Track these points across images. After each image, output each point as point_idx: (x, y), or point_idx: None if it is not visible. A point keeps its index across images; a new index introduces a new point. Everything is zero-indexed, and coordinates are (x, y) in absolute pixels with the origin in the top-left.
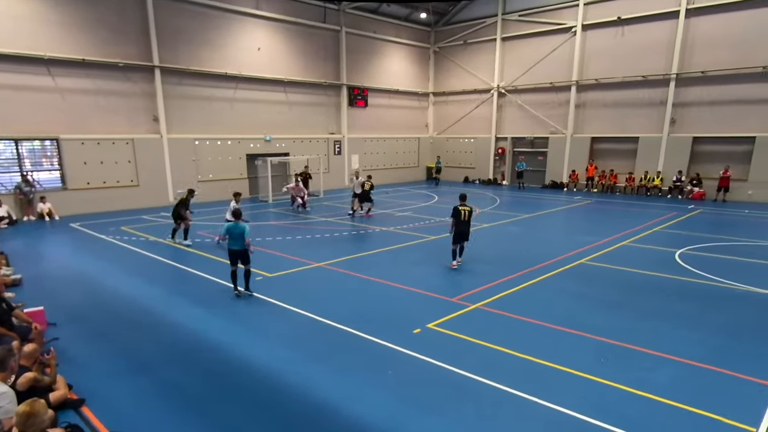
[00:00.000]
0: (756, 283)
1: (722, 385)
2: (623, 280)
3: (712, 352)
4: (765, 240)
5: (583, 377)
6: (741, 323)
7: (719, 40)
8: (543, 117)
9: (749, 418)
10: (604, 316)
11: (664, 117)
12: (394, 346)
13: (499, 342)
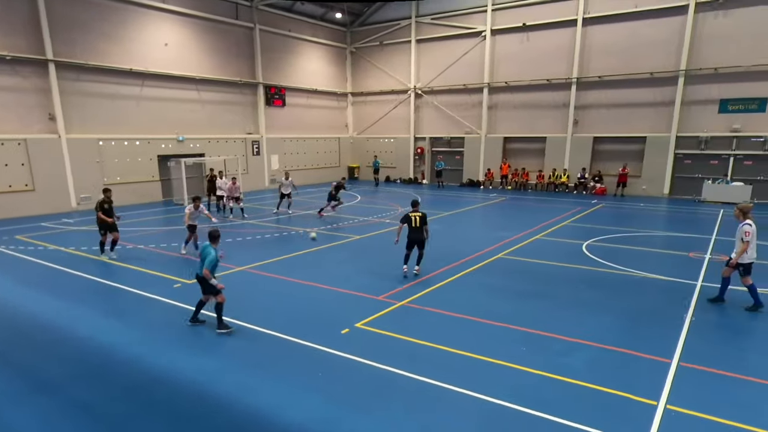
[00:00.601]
0: (652, 270)
1: (628, 364)
2: (538, 272)
3: (618, 335)
4: (658, 230)
5: (505, 366)
6: (641, 307)
7: (612, 48)
8: (458, 118)
9: (652, 393)
10: (522, 307)
11: (567, 118)
12: (323, 347)
13: (425, 337)
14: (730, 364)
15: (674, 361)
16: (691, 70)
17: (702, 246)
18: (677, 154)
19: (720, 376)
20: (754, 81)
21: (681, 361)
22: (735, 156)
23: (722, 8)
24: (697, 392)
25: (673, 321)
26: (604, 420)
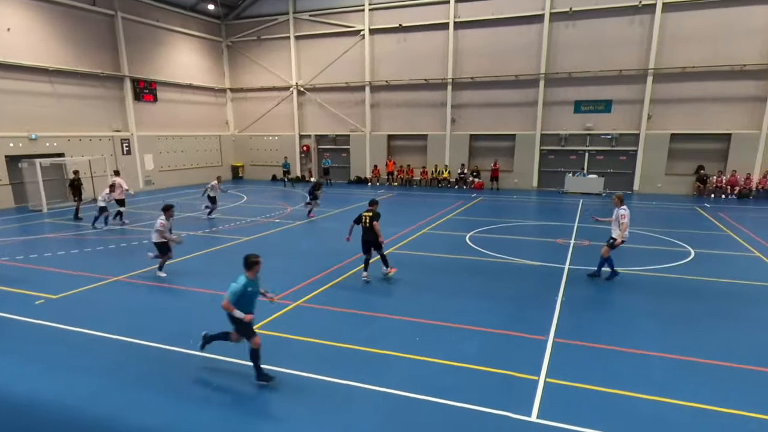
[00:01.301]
0: (526, 257)
1: (513, 345)
2: (428, 264)
3: (502, 319)
4: (530, 220)
5: (403, 357)
6: (520, 291)
7: (482, 51)
8: (342, 115)
9: (533, 369)
10: (415, 299)
11: (446, 117)
12: (219, 356)
13: (323, 336)
14: (596, 336)
15: (550, 338)
16: (550, 74)
17: (567, 233)
18: (542, 150)
19: (588, 348)
20: (601, 85)
21: (556, 338)
22: (589, 151)
23: (572, 19)
24: (570, 364)
25: (547, 302)
26: (494, 398)
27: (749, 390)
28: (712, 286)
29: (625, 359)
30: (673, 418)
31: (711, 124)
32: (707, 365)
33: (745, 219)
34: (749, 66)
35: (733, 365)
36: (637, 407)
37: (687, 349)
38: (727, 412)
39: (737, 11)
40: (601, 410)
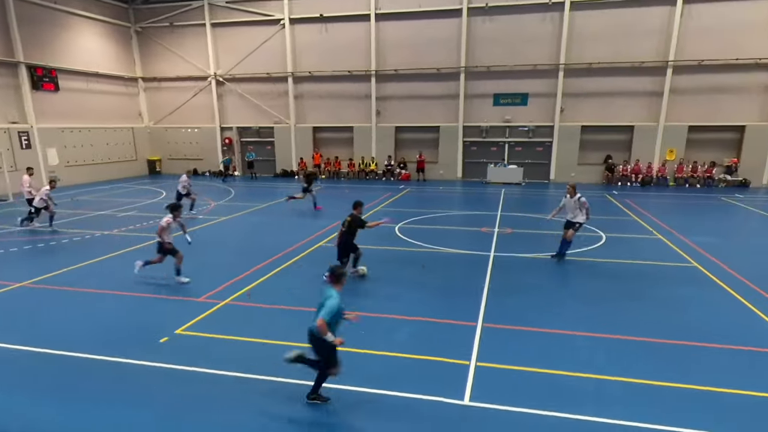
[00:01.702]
0: (454, 246)
1: (444, 332)
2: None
3: (433, 307)
4: (456, 210)
5: (340, 350)
6: (449, 280)
7: (404, 43)
8: (265, 107)
9: (464, 354)
10: (348, 291)
11: (370, 109)
12: (139, 362)
13: (255, 334)
14: (521, 319)
15: (479, 323)
16: (470, 67)
17: (491, 221)
18: (465, 142)
19: (515, 331)
20: (518, 79)
21: (484, 323)
22: (508, 143)
23: (488, 14)
24: (499, 348)
25: (475, 289)
26: (428, 385)
27: (663, 361)
28: (623, 267)
29: (549, 339)
30: (595, 392)
31: (616, 117)
32: (624, 341)
33: (648, 204)
34: (648, 63)
35: (646, 339)
36: (563, 384)
37: (605, 327)
38: (643, 383)
39: (636, 12)
40: (529, 389)
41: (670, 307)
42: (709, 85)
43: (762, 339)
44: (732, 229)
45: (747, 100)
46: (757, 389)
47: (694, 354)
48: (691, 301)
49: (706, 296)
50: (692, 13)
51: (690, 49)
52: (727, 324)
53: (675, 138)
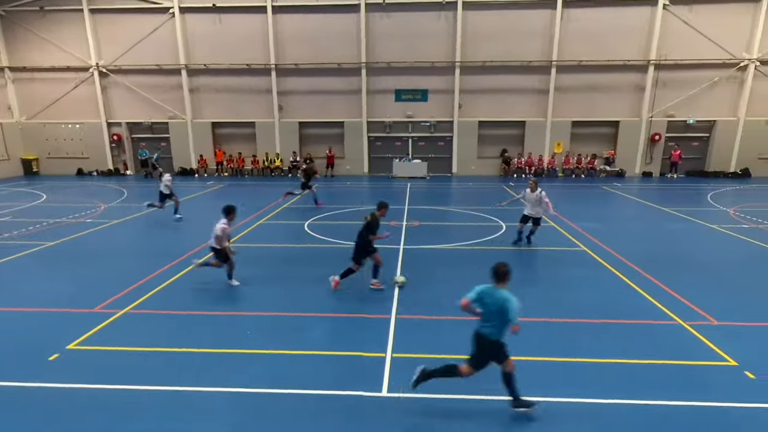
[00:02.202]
0: None
1: (359, 327)
2: (268, 256)
3: (348, 303)
4: (364, 205)
5: (250, 354)
6: (361, 274)
7: (303, 37)
8: (158, 101)
9: (380, 347)
10: (258, 292)
11: (272, 104)
12: (25, 383)
13: (158, 343)
14: (433, 309)
15: (393, 315)
16: (371, 63)
17: (399, 215)
18: (370, 137)
19: (428, 321)
20: (417, 75)
21: (398, 315)
22: (412, 138)
23: (386, 10)
24: (413, 338)
25: (387, 281)
26: (345, 380)
27: (556, 338)
28: (522, 253)
29: (459, 326)
30: (498, 373)
31: (510, 113)
32: (524, 322)
33: None
34: (535, 62)
35: (543, 320)
36: None
37: None
38: (539, 360)
39: (522, 14)
40: None
41: (563, 288)
42: (587, 84)
43: (642, 312)
44: (613, 214)
45: (619, 98)
46: (638, 357)
47: (582, 329)
48: (581, 282)
49: (594, 277)
50: (570, 17)
51: (570, 50)
52: (612, 301)
53: (561, 132)
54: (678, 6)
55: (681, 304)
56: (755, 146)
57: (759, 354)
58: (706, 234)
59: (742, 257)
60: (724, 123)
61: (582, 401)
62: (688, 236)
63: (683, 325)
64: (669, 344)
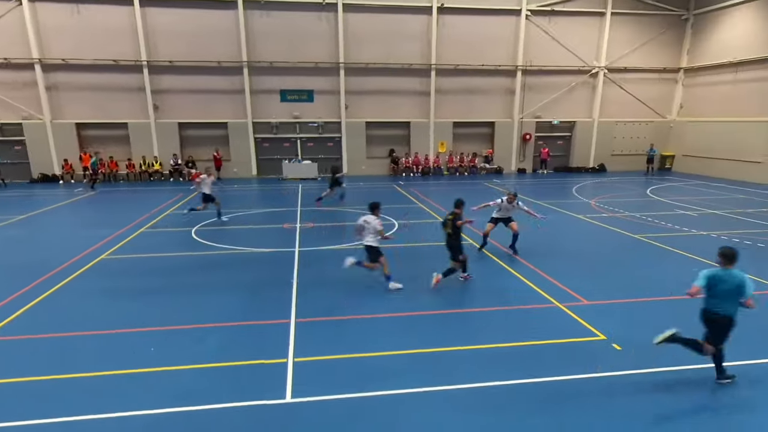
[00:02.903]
0: (257, 245)
1: (257, 334)
2: (152, 266)
3: (244, 310)
4: (255, 209)
5: (142, 373)
6: (256, 280)
7: (178, 32)
8: (7, 99)
9: (280, 353)
10: (145, 306)
11: (146, 103)
12: None
13: (30, 371)
14: (332, 310)
15: (292, 320)
16: (253, 62)
17: (292, 217)
18: (257, 138)
19: (328, 322)
20: (302, 75)
21: (297, 318)
22: (300, 139)
23: (265, 9)
24: (315, 340)
25: (284, 286)
26: (247, 390)
27: (452, 329)
28: (414, 250)
29: (360, 325)
30: (400, 366)
31: (395, 114)
32: (418, 316)
33: (429, 192)
34: (415, 65)
35: (438, 312)
36: (374, 364)
37: (404, 306)
38: (436, 351)
39: (400, 18)
40: (345, 375)
41: (454, 281)
42: (464, 87)
43: (525, 298)
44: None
45: (493, 101)
46: (526, 340)
47: (475, 318)
48: (470, 274)
49: (482, 269)
50: (446, 23)
51: (447, 54)
52: (499, 290)
53: (444, 132)
54: (538, 17)
55: (557, 287)
56: (609, 144)
57: (623, 327)
58: (573, 223)
59: (603, 243)
60: (582, 123)
61: (483, 385)
62: (559, 226)
63: (560, 307)
64: (549, 325)
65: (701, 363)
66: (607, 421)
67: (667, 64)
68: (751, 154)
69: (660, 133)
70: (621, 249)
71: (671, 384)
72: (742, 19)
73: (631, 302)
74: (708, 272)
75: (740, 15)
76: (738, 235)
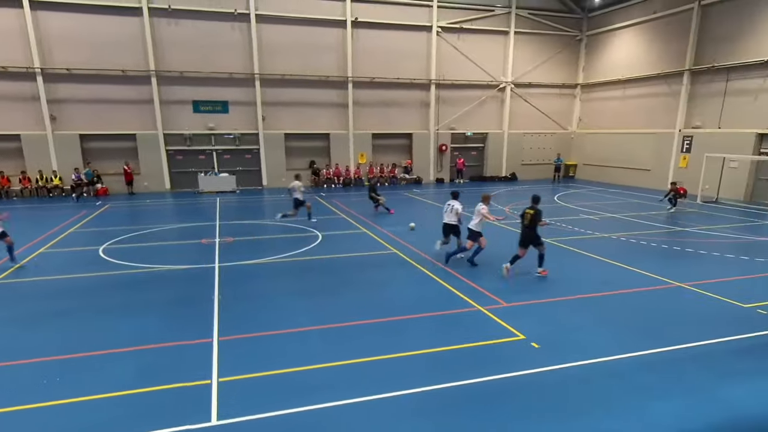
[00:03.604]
0: (173, 262)
1: (177, 356)
2: (55, 289)
3: (160, 332)
4: (169, 224)
5: (44, 408)
6: (174, 299)
7: (76, 39)
8: None
9: (203, 374)
10: (43, 333)
11: (41, 113)
12: None
13: None
14: (257, 325)
15: (215, 338)
16: (162, 71)
17: (210, 232)
18: (169, 151)
19: (253, 338)
20: (216, 86)
21: (220, 337)
22: (216, 151)
23: (173, 17)
24: (240, 359)
25: (205, 304)
26: (169, 416)
27: (380, 337)
28: (339, 261)
29: (286, 340)
30: (328, 379)
31: (314, 125)
32: (348, 327)
33: (351, 203)
34: (332, 77)
35: (365, 322)
36: (302, 378)
37: (330, 317)
38: (367, 361)
39: (315, 31)
40: (275, 392)
41: (380, 290)
42: (382, 99)
43: (449, 303)
44: (415, 218)
45: (410, 113)
46: (452, 344)
47: (403, 326)
48: (395, 282)
49: (405, 276)
50: (360, 36)
51: (363, 67)
52: (423, 296)
53: (363, 144)
54: (449, 33)
55: (477, 291)
56: (519, 154)
57: (539, 326)
58: (490, 229)
59: (517, 247)
60: (494, 135)
61: (413, 391)
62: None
63: (482, 310)
64: (473, 328)
65: (612, 355)
66: (527, 417)
67: (566, 80)
68: (641, 162)
69: (563, 143)
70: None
71: (588, 377)
72: (627, 41)
73: (547, 302)
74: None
75: (625, 37)
76: (634, 236)
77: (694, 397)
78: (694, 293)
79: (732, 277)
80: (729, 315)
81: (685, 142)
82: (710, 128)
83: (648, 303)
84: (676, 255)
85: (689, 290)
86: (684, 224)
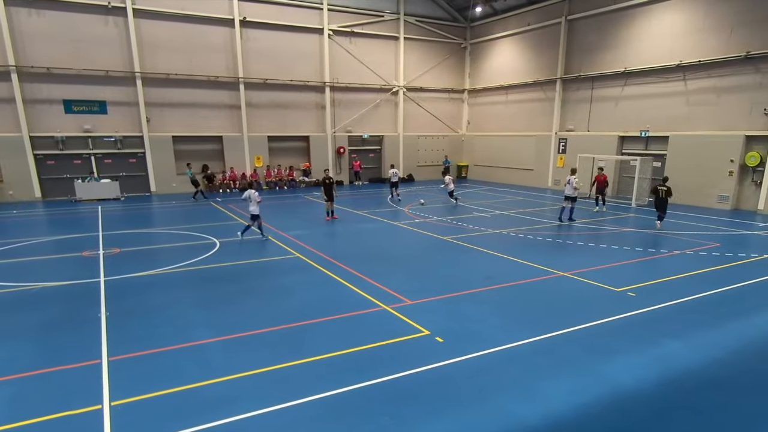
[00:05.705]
0: (48, 278)
1: (58, 382)
2: None
3: (36, 358)
4: (41, 237)
5: None
6: (50, 319)
7: None
8: None
9: (93, 399)
10: None
11: None
12: None
13: None
14: (151, 342)
15: (104, 359)
16: (23, 67)
17: (93, 243)
18: (37, 155)
19: (147, 356)
20: (91, 84)
21: (110, 357)
22: (95, 155)
23: (35, 7)
24: (134, 379)
25: (90, 322)
26: None
27: (284, 345)
28: (239, 268)
29: (185, 354)
30: (236, 391)
31: (205, 128)
32: (250, 336)
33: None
34: (222, 78)
35: (269, 330)
36: (208, 393)
37: (231, 328)
38: (271, 370)
39: (201, 29)
40: (179, 410)
41: (283, 296)
42: (276, 101)
43: (355, 305)
44: (316, 221)
45: (306, 115)
46: (359, 345)
47: (309, 331)
48: (299, 287)
49: (309, 280)
50: (250, 37)
51: (255, 68)
52: (328, 299)
53: (259, 146)
54: (340, 37)
55: (381, 290)
56: (414, 156)
57: (443, 322)
58: (391, 229)
59: (418, 245)
60: (390, 137)
61: (325, 395)
62: (379, 233)
63: (387, 309)
64: (379, 327)
65: (508, 343)
66: (440, 409)
67: (455, 85)
68: (524, 163)
69: (455, 145)
70: (434, 250)
71: (489, 366)
72: (507, 50)
73: (449, 297)
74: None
75: (505, 46)
76: (522, 232)
77: (580, 374)
78: (575, 281)
79: (605, 264)
80: (605, 298)
81: (560, 143)
82: (581, 131)
83: (537, 293)
84: (558, 247)
85: (571, 278)
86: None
